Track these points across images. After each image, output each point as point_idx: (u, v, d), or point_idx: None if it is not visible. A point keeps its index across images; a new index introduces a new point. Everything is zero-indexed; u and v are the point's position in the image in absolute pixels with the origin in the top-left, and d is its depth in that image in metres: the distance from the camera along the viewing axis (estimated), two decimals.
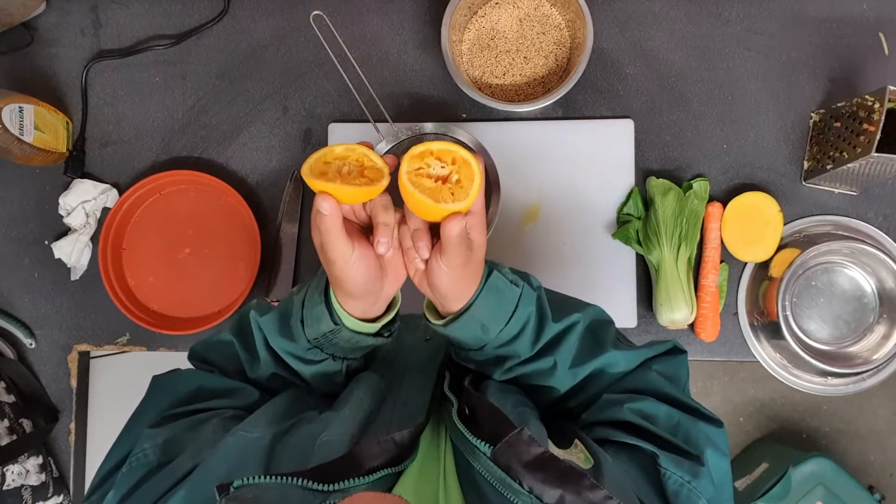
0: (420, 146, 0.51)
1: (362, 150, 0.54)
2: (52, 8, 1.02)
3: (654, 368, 0.61)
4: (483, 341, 0.58)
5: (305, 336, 0.58)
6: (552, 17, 0.96)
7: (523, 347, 0.59)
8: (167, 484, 0.48)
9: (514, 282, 0.58)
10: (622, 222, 0.93)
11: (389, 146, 0.89)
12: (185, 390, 0.61)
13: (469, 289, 0.56)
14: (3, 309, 1.00)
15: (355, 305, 0.57)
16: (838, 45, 0.96)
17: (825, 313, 0.91)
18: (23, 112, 0.91)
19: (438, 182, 0.52)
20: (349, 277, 0.54)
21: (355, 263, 0.53)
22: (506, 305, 0.57)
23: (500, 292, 0.57)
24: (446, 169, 0.52)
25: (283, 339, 0.59)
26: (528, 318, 0.58)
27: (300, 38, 1.00)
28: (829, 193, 0.95)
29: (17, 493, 0.92)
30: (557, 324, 0.60)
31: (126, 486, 0.50)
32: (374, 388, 0.59)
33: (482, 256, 0.57)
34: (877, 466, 1.87)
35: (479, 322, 0.57)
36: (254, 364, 0.62)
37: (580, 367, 0.60)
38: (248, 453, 0.49)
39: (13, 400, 0.95)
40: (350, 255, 0.53)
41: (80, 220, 0.97)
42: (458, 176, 0.52)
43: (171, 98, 1.01)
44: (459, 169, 0.52)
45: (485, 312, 0.57)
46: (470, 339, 0.59)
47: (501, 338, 0.58)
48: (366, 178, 0.53)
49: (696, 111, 0.97)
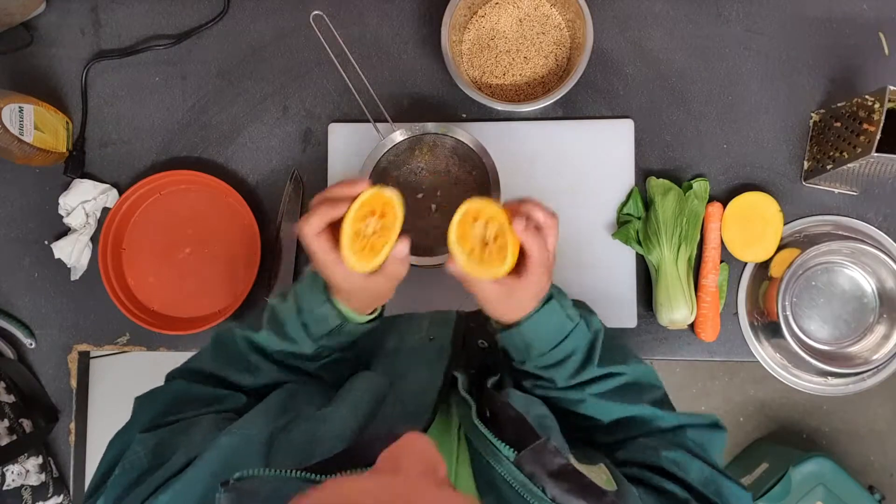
0: (462, 208, 0.60)
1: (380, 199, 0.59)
2: (52, 8, 1.02)
3: (689, 435, 0.62)
4: (524, 358, 0.63)
5: (310, 337, 0.62)
6: (552, 17, 0.96)
7: (560, 377, 0.62)
8: (160, 481, 0.48)
9: (570, 316, 0.62)
10: (622, 222, 0.93)
11: (390, 145, 0.89)
12: (171, 399, 0.61)
13: (523, 308, 0.61)
14: (3, 309, 1.00)
15: (359, 307, 0.63)
16: (838, 45, 0.96)
17: (825, 313, 0.91)
18: (23, 112, 0.91)
19: (485, 246, 0.59)
20: (372, 295, 0.62)
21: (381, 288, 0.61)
22: (554, 335, 0.61)
23: (553, 322, 0.61)
24: (489, 231, 0.59)
25: (286, 343, 0.63)
26: (573, 353, 0.62)
27: (300, 38, 1.00)
28: (829, 193, 0.95)
29: (17, 493, 0.92)
30: (600, 368, 0.63)
31: (119, 487, 0.50)
32: (375, 386, 0.60)
33: (535, 288, 0.60)
34: (877, 466, 1.87)
35: (524, 341, 0.61)
36: (255, 374, 0.64)
37: (612, 410, 0.62)
38: (246, 449, 0.49)
39: (13, 400, 0.95)
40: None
41: (80, 220, 0.97)
42: (497, 233, 0.59)
43: (171, 98, 1.01)
44: (498, 227, 0.59)
45: (532, 335, 0.61)
46: (512, 352, 0.64)
47: (542, 361, 0.62)
48: (385, 220, 0.60)
49: (696, 111, 0.96)
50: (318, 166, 0.98)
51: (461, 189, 0.92)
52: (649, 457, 0.58)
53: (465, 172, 0.92)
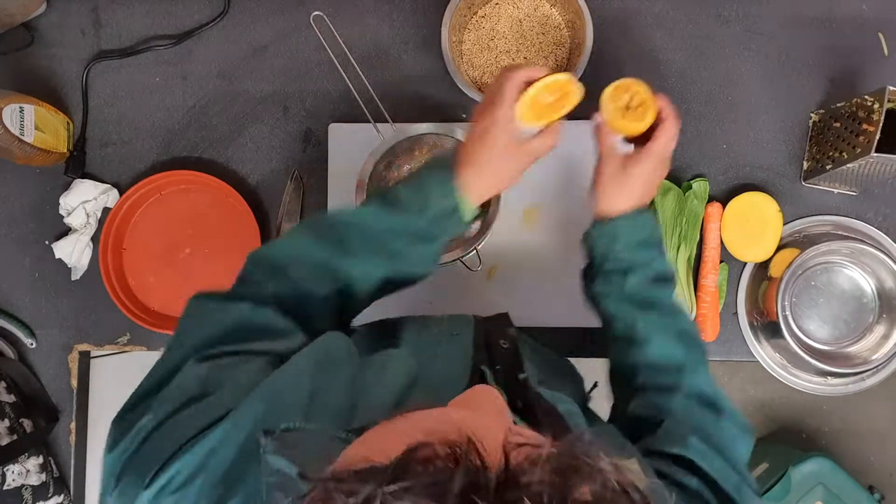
0: (617, 81, 0.72)
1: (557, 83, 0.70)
2: (52, 8, 1.02)
3: (722, 423, 0.62)
4: (606, 252, 0.70)
5: (425, 213, 0.64)
6: (552, 18, 0.97)
7: (630, 281, 0.68)
8: (204, 419, 0.47)
9: (659, 236, 0.71)
10: None
11: (391, 145, 0.89)
12: (232, 325, 0.59)
13: (629, 196, 0.69)
14: (4, 309, 1.00)
15: (481, 189, 0.67)
16: (838, 45, 0.96)
17: (825, 313, 0.91)
18: (23, 112, 0.91)
19: (627, 109, 0.72)
20: (502, 173, 0.67)
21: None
22: (641, 239, 0.69)
23: (645, 228, 0.70)
24: (634, 100, 0.72)
25: (396, 215, 0.65)
26: (650, 263, 0.69)
27: (300, 39, 1.01)
28: (828, 193, 0.95)
29: (17, 493, 0.92)
30: (668, 296, 0.69)
31: (163, 412, 0.48)
32: (408, 368, 0.58)
33: (648, 173, 0.69)
34: (877, 466, 1.87)
35: (615, 234, 0.69)
36: (349, 257, 0.64)
37: (662, 340, 0.66)
38: (290, 398, 0.48)
39: (13, 400, 0.96)
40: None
41: (81, 220, 0.97)
42: (639, 104, 0.72)
43: (171, 98, 1.01)
44: (642, 100, 0.72)
45: (623, 231, 0.69)
46: (597, 246, 0.71)
47: (622, 257, 0.69)
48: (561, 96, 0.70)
49: (695, 111, 0.97)
50: (318, 166, 0.98)
51: None
52: (675, 444, 0.58)
53: None
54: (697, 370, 0.65)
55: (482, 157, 0.65)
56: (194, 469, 0.43)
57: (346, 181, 0.96)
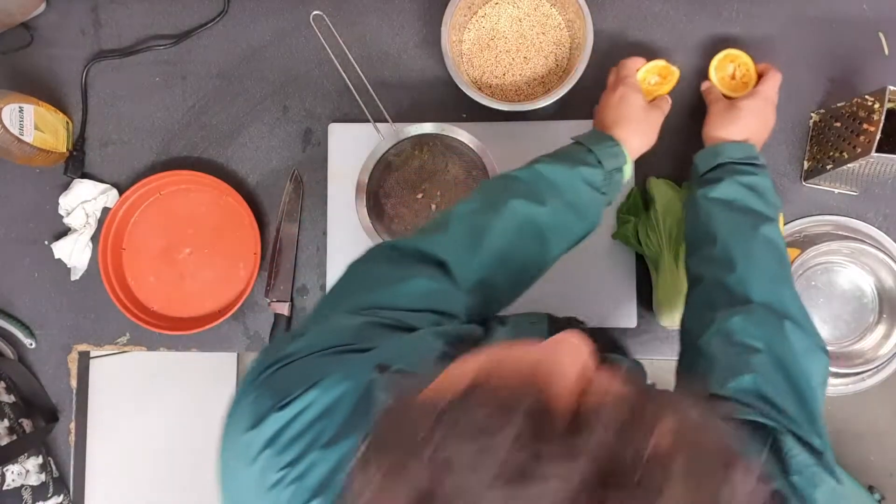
0: (724, 52, 0.91)
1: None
2: (52, 8, 1.02)
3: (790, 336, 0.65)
4: (711, 164, 0.78)
5: (603, 168, 0.72)
6: (552, 17, 0.96)
7: (730, 184, 0.75)
8: (346, 368, 0.47)
9: (766, 171, 0.78)
10: (622, 222, 0.93)
11: (391, 145, 0.89)
12: (403, 297, 0.57)
13: (741, 127, 0.81)
14: (3, 309, 1.00)
15: (635, 150, 0.79)
16: (838, 45, 0.96)
17: (825, 313, 0.91)
18: (23, 112, 0.91)
19: (732, 78, 0.91)
20: (647, 127, 0.81)
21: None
22: (746, 157, 0.77)
23: (746, 152, 0.78)
24: (738, 71, 0.91)
25: (578, 168, 0.71)
26: (753, 176, 0.75)
27: (300, 38, 1.00)
28: (829, 193, 0.95)
29: (17, 493, 0.92)
30: (765, 205, 0.75)
31: (315, 346, 0.48)
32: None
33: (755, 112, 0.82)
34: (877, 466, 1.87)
35: (721, 152, 0.78)
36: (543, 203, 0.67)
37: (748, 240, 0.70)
38: (423, 355, 0.49)
39: (13, 400, 0.96)
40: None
41: (80, 220, 0.97)
42: (742, 74, 0.90)
43: (171, 98, 1.01)
44: (746, 69, 0.91)
45: (731, 151, 0.78)
46: (702, 162, 0.80)
47: (727, 167, 0.77)
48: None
49: (695, 111, 0.96)
50: (318, 166, 0.98)
51: (461, 189, 0.92)
52: (741, 370, 0.59)
53: (465, 173, 0.92)
54: (773, 281, 0.68)
55: (629, 115, 0.78)
56: (326, 406, 0.44)
57: (346, 181, 0.96)
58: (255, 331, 0.98)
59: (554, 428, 0.28)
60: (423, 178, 0.93)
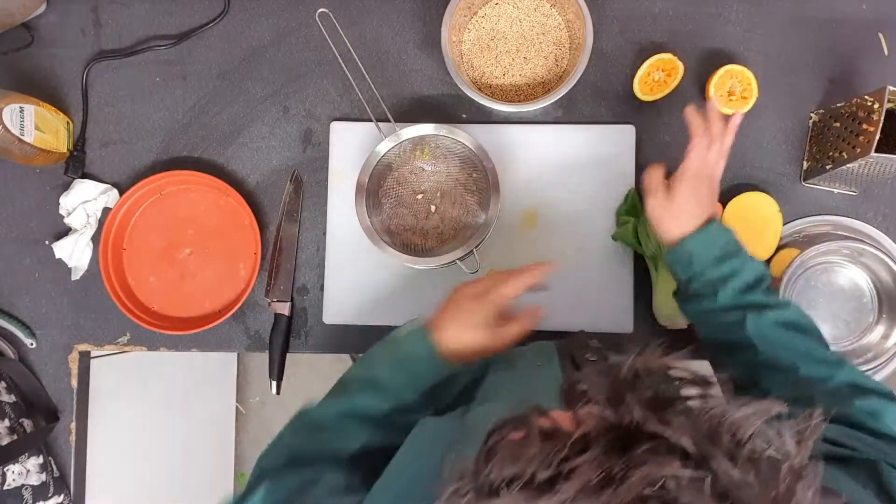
0: (725, 68, 0.92)
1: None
2: (52, 8, 1.02)
3: (861, 402, 0.60)
4: (689, 274, 0.72)
5: (420, 393, 0.66)
6: (552, 18, 0.97)
7: (724, 294, 0.69)
8: None
9: (733, 240, 0.72)
10: (621, 223, 0.93)
11: (391, 145, 0.89)
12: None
13: (683, 219, 0.72)
14: (4, 309, 1.00)
15: (467, 359, 0.68)
16: (838, 45, 0.96)
17: (825, 313, 0.91)
18: (23, 112, 0.91)
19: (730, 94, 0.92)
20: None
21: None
22: (717, 251, 0.70)
23: (714, 238, 0.71)
24: (739, 86, 0.92)
25: (401, 402, 0.65)
26: (739, 272, 0.69)
27: (300, 38, 1.01)
28: (828, 193, 0.95)
29: (17, 493, 0.93)
30: (765, 296, 0.70)
31: None
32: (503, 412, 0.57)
33: (688, 195, 0.72)
34: None
35: (688, 253, 0.71)
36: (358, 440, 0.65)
37: (775, 340, 0.66)
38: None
39: (14, 400, 0.96)
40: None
41: (81, 220, 0.97)
42: (742, 89, 0.92)
43: (171, 98, 1.01)
44: (743, 86, 0.92)
45: (695, 247, 0.71)
46: (678, 270, 0.73)
47: (708, 275, 0.70)
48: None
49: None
50: (319, 166, 0.98)
51: (461, 191, 0.92)
52: (840, 407, 0.57)
53: (466, 174, 0.92)
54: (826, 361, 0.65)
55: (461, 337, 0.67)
56: None
57: (346, 181, 0.96)
58: (256, 331, 0.98)
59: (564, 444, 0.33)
60: (422, 179, 0.93)
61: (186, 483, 1.60)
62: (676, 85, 0.94)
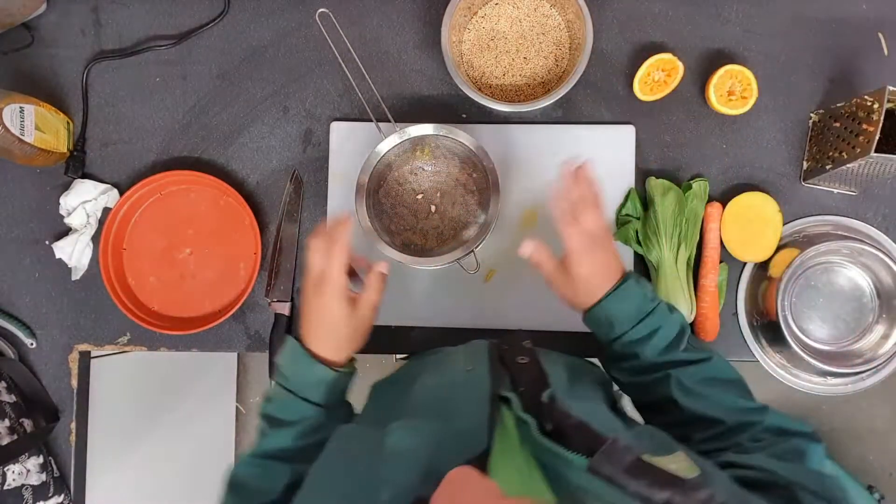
0: (725, 67, 0.91)
1: None
2: (52, 8, 1.02)
3: (792, 443, 0.60)
4: (610, 336, 0.70)
5: (318, 404, 0.67)
6: (552, 18, 0.97)
7: (647, 353, 0.69)
8: None
9: (650, 296, 0.70)
10: (622, 223, 0.94)
11: (391, 145, 0.89)
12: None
13: (595, 287, 0.70)
14: (4, 309, 1.00)
15: (347, 352, 0.70)
16: (838, 46, 0.96)
17: (824, 313, 0.92)
18: (24, 112, 0.91)
19: (730, 94, 0.93)
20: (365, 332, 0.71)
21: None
22: (636, 310, 0.69)
23: (631, 297, 0.69)
24: (738, 86, 0.92)
25: (299, 426, 0.67)
26: (659, 329, 0.68)
27: (300, 38, 1.01)
28: (828, 193, 0.95)
29: (17, 493, 0.93)
30: (686, 353, 0.69)
31: None
32: (425, 438, 0.56)
33: (589, 265, 0.70)
34: (876, 466, 1.87)
35: (607, 316, 0.69)
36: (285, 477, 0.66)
37: (701, 396, 0.66)
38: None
39: (14, 400, 0.96)
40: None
41: (81, 220, 0.97)
42: (742, 89, 0.92)
43: (171, 98, 1.01)
44: (743, 86, 0.93)
45: (613, 310, 0.69)
46: (599, 332, 0.72)
47: (629, 336, 0.69)
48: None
49: (695, 111, 0.97)
50: (319, 166, 0.98)
51: (461, 191, 0.92)
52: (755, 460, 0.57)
53: (466, 174, 0.92)
54: (752, 410, 0.65)
55: (334, 331, 0.69)
56: None
57: (347, 181, 0.96)
58: (256, 331, 0.98)
59: None
60: (422, 179, 0.93)
61: (186, 483, 1.60)
62: (676, 85, 0.94)
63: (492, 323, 0.94)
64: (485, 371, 0.64)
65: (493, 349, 0.68)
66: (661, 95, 0.95)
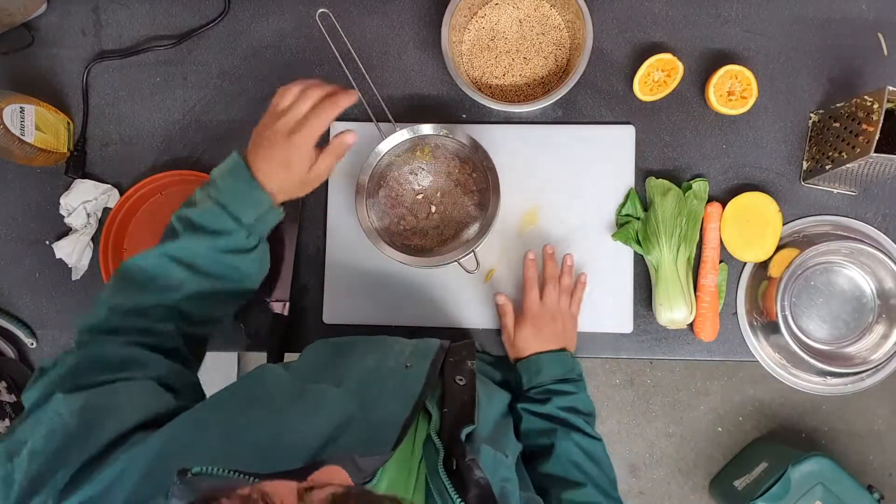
0: (725, 68, 0.92)
1: None
2: (53, 8, 1.02)
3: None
4: (532, 383, 0.81)
5: (244, 225, 0.69)
6: (552, 18, 0.97)
7: (554, 404, 0.78)
8: (93, 447, 0.48)
9: (580, 376, 0.83)
10: (622, 223, 0.94)
11: (392, 145, 0.89)
12: (88, 361, 0.61)
13: (535, 346, 0.84)
14: (5, 309, 1.00)
15: (285, 196, 0.73)
16: (838, 46, 0.96)
17: (824, 313, 0.92)
18: (24, 112, 0.91)
19: (730, 96, 0.93)
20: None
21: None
22: (562, 372, 0.81)
23: (564, 363, 0.82)
24: (738, 86, 0.93)
25: (219, 239, 0.68)
26: (572, 395, 0.79)
27: (300, 38, 1.01)
28: (828, 193, 0.95)
29: None
30: (585, 425, 0.78)
31: (44, 453, 0.49)
32: (344, 408, 0.57)
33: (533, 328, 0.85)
34: (876, 466, 1.87)
35: (538, 368, 0.81)
36: (179, 289, 0.68)
37: (578, 456, 0.75)
38: (202, 438, 0.49)
39: (14, 400, 0.96)
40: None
41: (82, 220, 0.97)
42: (742, 89, 0.93)
43: (171, 98, 1.01)
44: (743, 86, 0.93)
45: (545, 364, 0.82)
46: (525, 376, 0.81)
47: (548, 387, 0.80)
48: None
49: (695, 111, 0.97)
50: None
51: (461, 191, 0.92)
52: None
53: (466, 174, 0.92)
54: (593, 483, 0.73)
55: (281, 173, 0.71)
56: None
57: (347, 181, 0.96)
58: (255, 330, 0.98)
59: None
60: (422, 179, 0.93)
61: None
62: (676, 85, 0.94)
63: (492, 323, 0.94)
64: (422, 375, 0.63)
65: (440, 356, 0.68)
66: (661, 95, 0.95)
